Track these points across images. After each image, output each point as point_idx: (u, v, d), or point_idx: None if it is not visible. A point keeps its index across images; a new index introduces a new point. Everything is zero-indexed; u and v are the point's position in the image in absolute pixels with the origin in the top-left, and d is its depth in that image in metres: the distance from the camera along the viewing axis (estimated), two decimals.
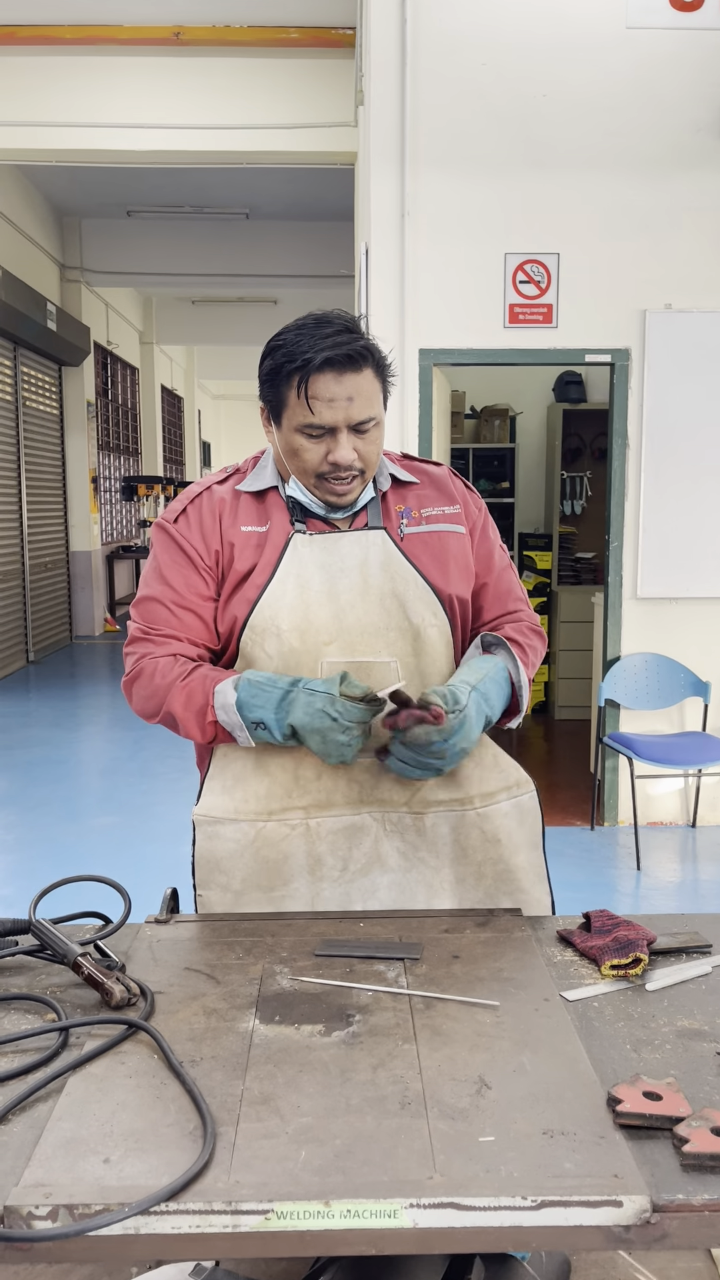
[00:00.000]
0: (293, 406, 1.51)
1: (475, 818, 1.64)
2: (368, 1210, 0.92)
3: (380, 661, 1.59)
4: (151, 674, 1.57)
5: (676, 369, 4.53)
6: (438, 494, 1.69)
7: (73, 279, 10.55)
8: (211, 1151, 0.98)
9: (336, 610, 1.58)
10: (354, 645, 1.58)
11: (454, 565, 1.64)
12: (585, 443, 7.09)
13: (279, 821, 1.60)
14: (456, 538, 1.66)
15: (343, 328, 1.50)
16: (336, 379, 1.48)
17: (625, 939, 1.41)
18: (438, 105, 4.36)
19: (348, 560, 1.59)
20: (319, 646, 1.58)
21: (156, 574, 1.62)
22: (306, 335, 1.49)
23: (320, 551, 1.59)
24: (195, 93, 6.24)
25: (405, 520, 1.64)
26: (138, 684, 1.59)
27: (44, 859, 4.49)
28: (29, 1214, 0.92)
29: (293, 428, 1.53)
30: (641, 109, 4.40)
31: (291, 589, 1.57)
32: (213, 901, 1.62)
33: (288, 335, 1.52)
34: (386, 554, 1.61)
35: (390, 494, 1.66)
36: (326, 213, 9.43)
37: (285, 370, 1.50)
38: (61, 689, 8.35)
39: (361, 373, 1.49)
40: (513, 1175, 0.96)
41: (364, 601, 1.59)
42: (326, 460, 1.53)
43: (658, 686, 4.70)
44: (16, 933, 1.43)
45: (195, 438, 18.22)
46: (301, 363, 1.47)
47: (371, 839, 1.61)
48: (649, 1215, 0.93)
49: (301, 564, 1.58)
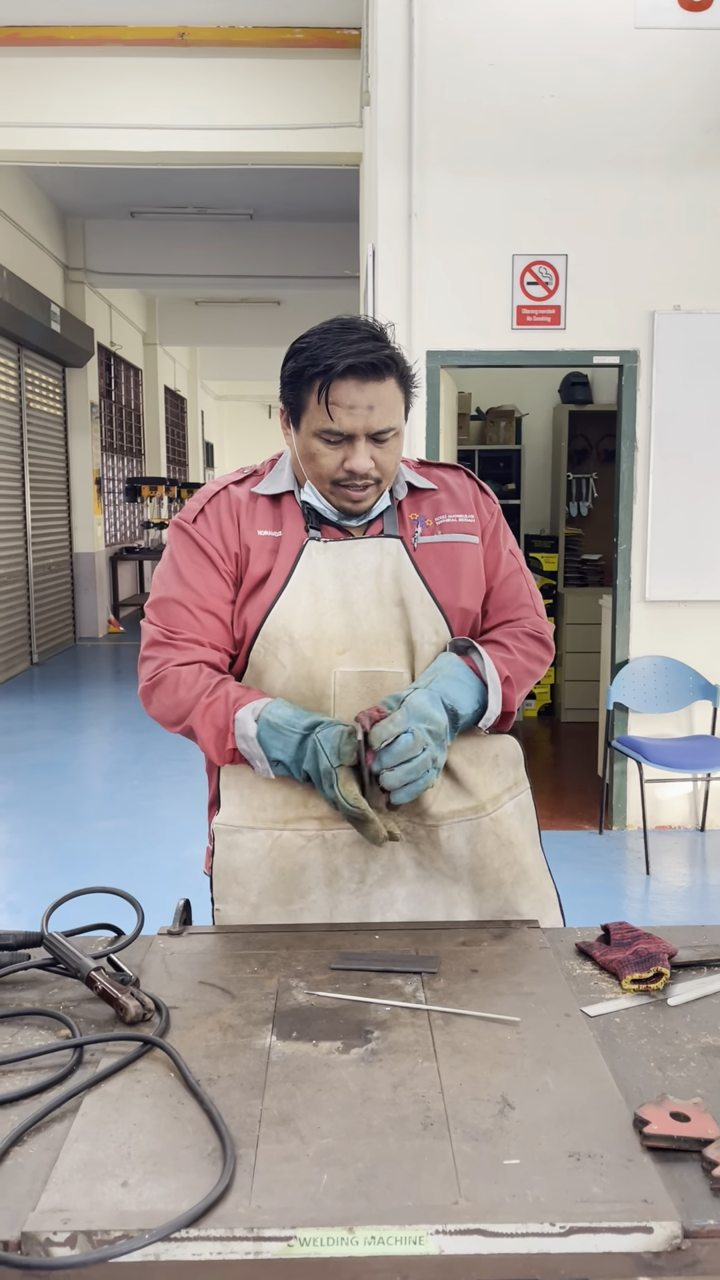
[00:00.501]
0: (312, 411, 1.49)
1: (490, 824, 1.62)
2: (393, 1237, 0.90)
3: (393, 672, 1.56)
4: (175, 685, 1.53)
5: (686, 371, 4.51)
6: (453, 501, 1.66)
7: (76, 280, 10.54)
8: (232, 1175, 0.96)
9: (350, 619, 1.56)
10: (368, 654, 1.56)
11: (465, 577, 1.61)
12: (591, 444, 7.07)
13: (295, 831, 1.58)
14: (470, 549, 1.63)
15: (369, 335, 1.48)
16: (358, 387, 1.46)
17: (646, 952, 1.39)
18: (445, 105, 4.35)
19: (362, 568, 1.57)
20: (332, 656, 1.55)
21: (175, 575, 1.59)
22: (331, 340, 1.47)
23: (335, 559, 1.57)
24: (199, 93, 6.22)
25: (420, 529, 1.61)
26: (159, 691, 1.55)
27: (49, 864, 4.47)
28: (47, 1240, 0.90)
29: (311, 432, 1.51)
30: (650, 109, 4.38)
31: (305, 597, 1.55)
32: (230, 915, 1.60)
33: (312, 339, 1.49)
34: (399, 564, 1.58)
35: (406, 500, 1.63)
36: (330, 214, 9.41)
37: (307, 374, 1.48)
38: (65, 691, 8.34)
39: (384, 382, 1.47)
40: (540, 1200, 0.93)
41: (378, 610, 1.57)
42: (343, 467, 1.50)
43: (666, 690, 4.68)
44: (28, 946, 1.41)
45: (198, 439, 18.21)
46: (324, 368, 1.45)
47: (388, 851, 1.59)
48: (680, 1241, 0.91)
49: (315, 571, 1.56)
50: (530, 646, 1.65)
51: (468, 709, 1.53)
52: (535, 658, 1.65)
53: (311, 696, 1.55)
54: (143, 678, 1.58)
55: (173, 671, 1.54)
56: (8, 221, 8.64)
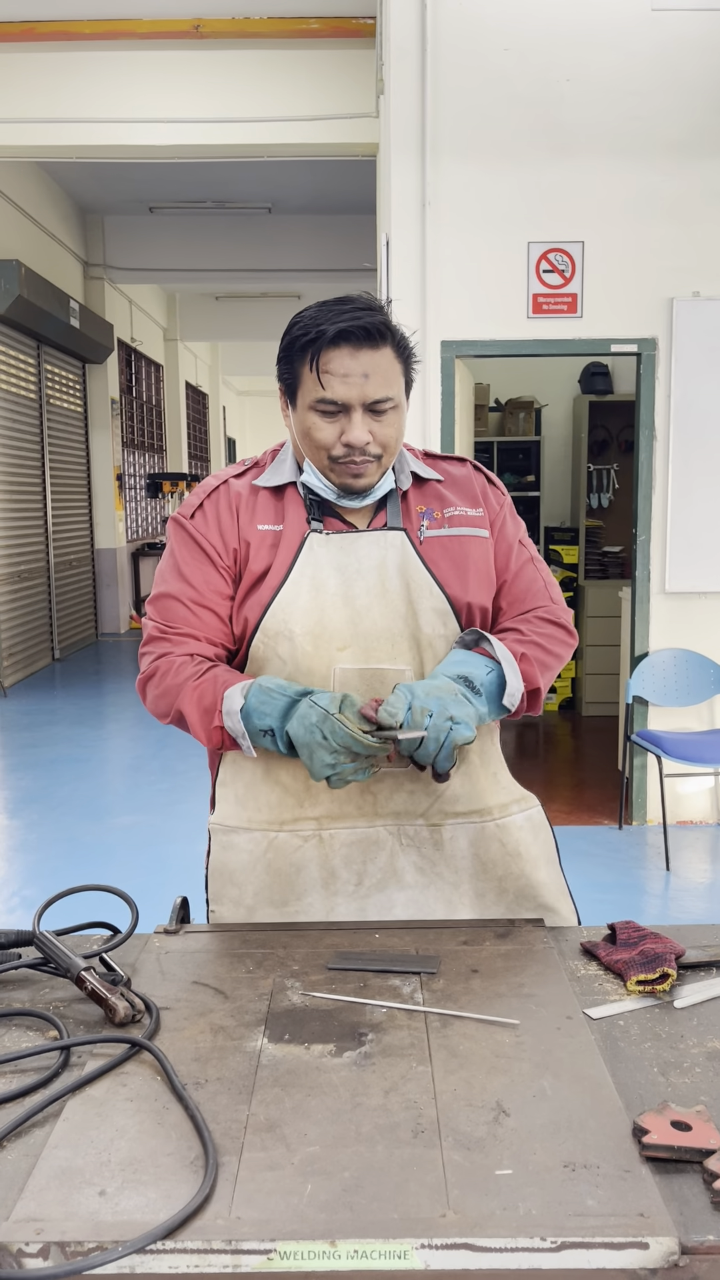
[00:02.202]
0: (306, 382, 1.45)
1: (495, 829, 1.58)
2: (376, 1251, 0.87)
3: (395, 669, 1.52)
4: (165, 673, 1.50)
5: (705, 358, 4.43)
6: (460, 494, 1.61)
7: (96, 276, 10.55)
8: (212, 1185, 0.93)
9: (352, 614, 1.52)
10: (369, 651, 1.52)
11: (474, 572, 1.56)
12: (612, 435, 7.00)
13: (291, 832, 1.55)
14: (479, 543, 1.58)
15: (364, 305, 1.45)
16: (352, 354, 1.42)
17: (652, 952, 1.35)
18: (459, 92, 4.29)
19: (365, 561, 1.53)
20: (332, 652, 1.51)
21: (174, 570, 1.56)
22: (325, 311, 1.44)
23: (337, 552, 1.53)
24: (215, 86, 6.19)
25: (426, 522, 1.56)
26: (152, 683, 1.53)
27: (65, 858, 4.47)
28: (19, 1251, 0.87)
29: (306, 405, 1.46)
30: (667, 92, 4.30)
31: (306, 591, 1.51)
32: (225, 917, 1.57)
33: (306, 313, 1.47)
34: (404, 558, 1.53)
35: (412, 493, 1.58)
36: (349, 206, 9.36)
37: (299, 343, 1.44)
38: (86, 687, 8.36)
39: (379, 350, 1.43)
40: (531, 1213, 0.90)
41: (381, 605, 1.52)
42: (340, 441, 1.46)
43: (686, 683, 4.61)
44: (20, 944, 1.39)
45: (220, 434, 18.22)
46: (315, 334, 1.42)
47: (387, 853, 1.56)
48: (677, 1258, 0.87)
49: (317, 565, 1.52)
50: (546, 629, 1.59)
51: (481, 676, 1.44)
52: (555, 639, 1.58)
53: None
54: (140, 673, 1.56)
55: (165, 662, 1.51)
56: (27, 218, 8.65)
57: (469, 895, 1.58)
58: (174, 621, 1.54)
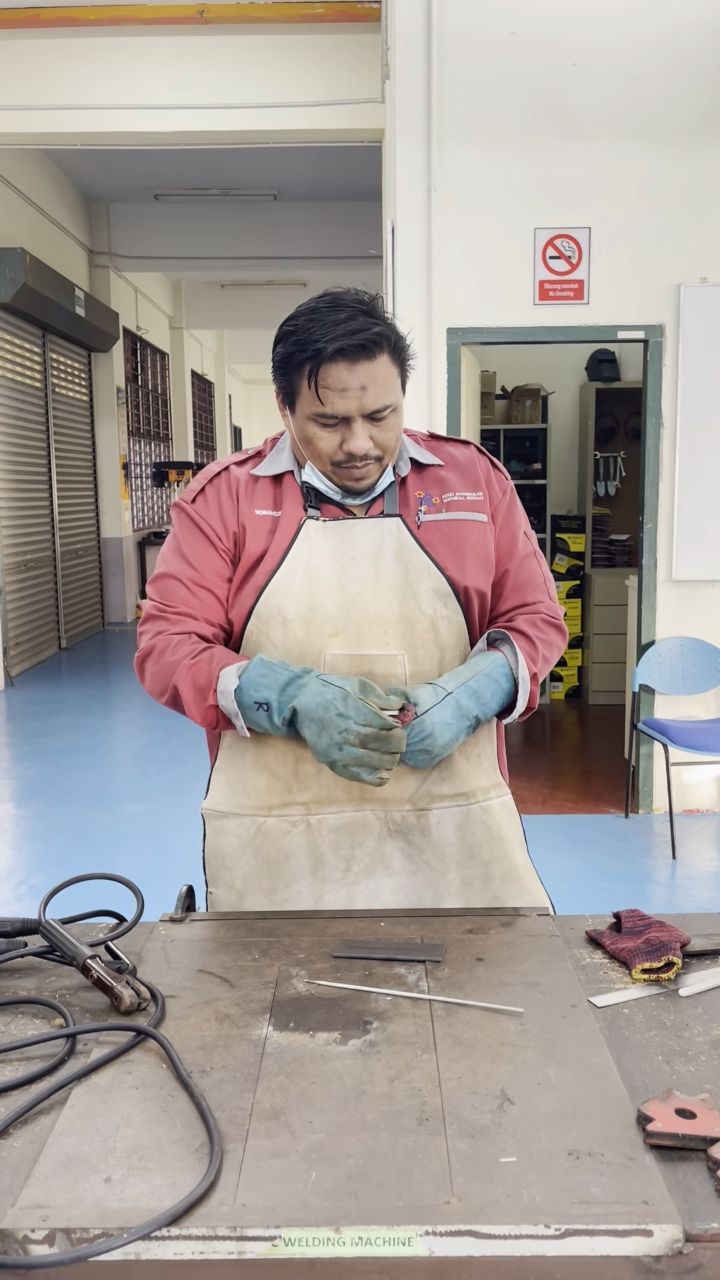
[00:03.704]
0: (304, 395, 1.45)
1: (480, 812, 1.59)
2: (380, 1238, 0.87)
3: (386, 654, 1.52)
4: (163, 650, 1.51)
5: (713, 345, 4.41)
6: (461, 478, 1.60)
7: (101, 264, 10.53)
8: (217, 1172, 0.93)
9: (345, 600, 1.52)
10: (360, 637, 1.52)
11: (472, 556, 1.56)
12: (619, 423, 6.97)
13: (279, 817, 1.56)
14: (477, 527, 1.58)
15: (358, 310, 1.42)
16: (349, 368, 1.40)
17: (657, 941, 1.35)
18: (465, 76, 4.26)
19: (360, 549, 1.53)
20: (324, 638, 1.52)
21: (175, 552, 1.57)
22: (319, 322, 1.41)
23: (333, 539, 1.53)
24: (220, 72, 6.15)
25: (424, 507, 1.56)
26: (149, 660, 1.53)
27: (73, 847, 4.48)
28: (25, 1238, 0.87)
29: (306, 416, 1.47)
30: (675, 76, 4.27)
31: (300, 577, 1.52)
32: (221, 899, 1.59)
33: (299, 320, 1.44)
34: (401, 543, 1.54)
35: (411, 478, 1.58)
36: (355, 192, 9.32)
37: (296, 359, 1.43)
38: (93, 676, 8.37)
39: (376, 360, 1.42)
40: (535, 1200, 0.90)
41: (374, 591, 1.52)
42: (341, 449, 1.46)
43: (693, 671, 4.60)
44: (26, 933, 1.39)
45: (226, 423, 18.19)
46: (312, 352, 1.40)
47: (375, 838, 1.56)
48: (681, 1245, 0.87)
49: (312, 551, 1.52)
50: (550, 635, 1.62)
51: (492, 711, 1.51)
52: (554, 646, 1.62)
53: None
54: (138, 651, 1.57)
55: (163, 640, 1.52)
56: (32, 206, 8.63)
57: (455, 883, 1.59)
58: (173, 601, 1.55)
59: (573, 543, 6.96)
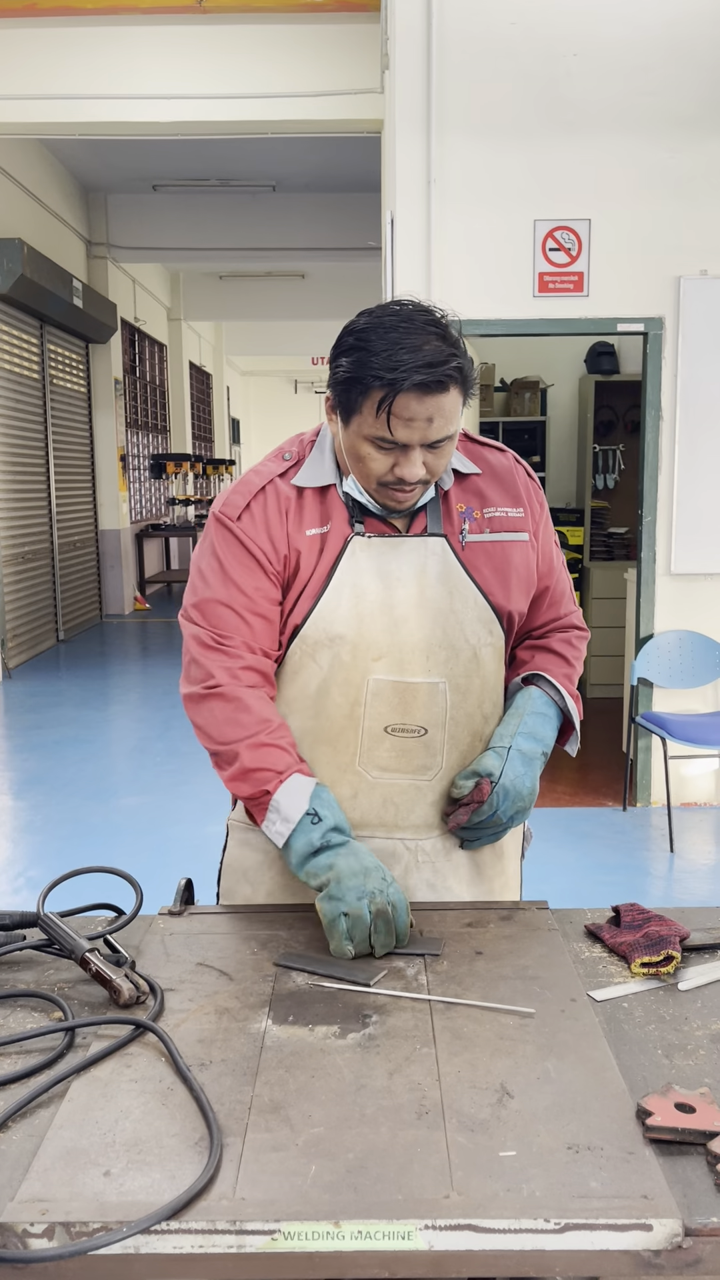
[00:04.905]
0: (365, 416, 1.38)
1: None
2: (380, 1231, 0.87)
3: (428, 682, 1.50)
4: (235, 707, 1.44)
5: (713, 338, 4.39)
6: (501, 491, 1.56)
7: (99, 255, 10.48)
8: (217, 1166, 0.93)
9: (390, 624, 1.49)
10: (403, 663, 1.50)
11: (516, 578, 1.55)
12: (618, 415, 6.95)
13: None
14: (520, 548, 1.55)
15: (434, 334, 1.35)
16: (419, 400, 1.34)
17: (656, 935, 1.35)
18: (465, 66, 4.24)
19: (405, 569, 1.50)
20: (368, 662, 1.49)
21: (220, 574, 1.48)
22: (397, 346, 1.33)
23: (377, 556, 1.49)
24: (219, 62, 6.12)
25: (467, 524, 1.53)
26: (208, 706, 1.45)
27: (70, 839, 4.48)
28: (24, 1232, 0.87)
29: (361, 435, 1.41)
30: (676, 68, 4.25)
31: (347, 600, 1.48)
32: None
33: (372, 339, 1.36)
34: (445, 565, 1.50)
35: (453, 489, 1.54)
36: (353, 183, 9.28)
37: (367, 381, 1.35)
38: (91, 668, 8.36)
39: (447, 393, 1.35)
40: (535, 1195, 0.90)
41: (418, 616, 1.49)
42: (393, 472, 1.41)
43: (691, 664, 4.60)
44: (24, 926, 1.39)
45: (224, 414, 18.15)
46: (388, 380, 1.33)
47: (401, 868, 1.56)
48: (680, 1239, 0.87)
49: (358, 572, 1.49)
50: (580, 648, 1.65)
51: (552, 742, 1.57)
52: (581, 655, 1.67)
53: (344, 703, 1.50)
54: (191, 682, 1.48)
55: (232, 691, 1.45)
56: (29, 196, 8.59)
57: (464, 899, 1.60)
58: (227, 630, 1.48)
59: (571, 536, 6.94)
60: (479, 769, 1.49)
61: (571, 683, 1.61)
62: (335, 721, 1.50)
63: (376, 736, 1.50)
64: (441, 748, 1.52)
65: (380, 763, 1.52)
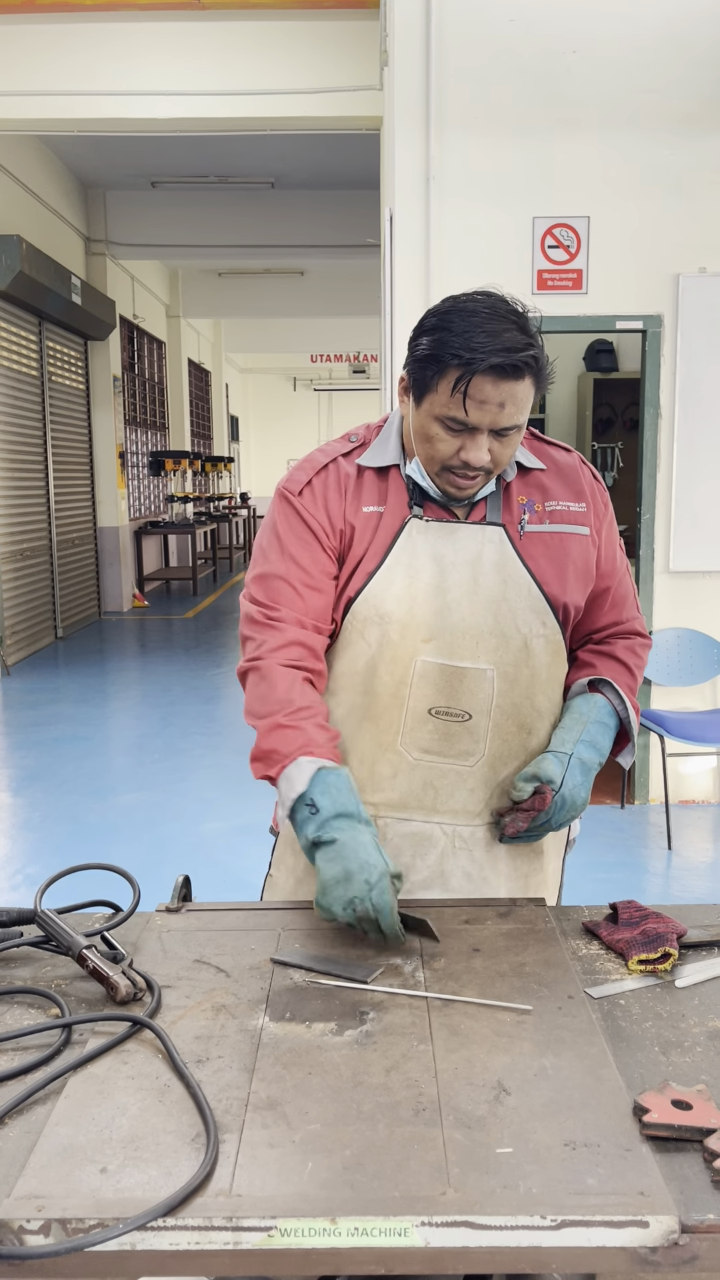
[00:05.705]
0: (440, 395, 1.41)
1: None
2: (376, 1228, 0.87)
3: (476, 668, 1.51)
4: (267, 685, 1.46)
5: (712, 335, 4.39)
6: (563, 486, 1.58)
7: (98, 252, 10.47)
8: (213, 1162, 0.93)
9: (441, 607, 1.50)
10: (452, 647, 1.51)
11: (573, 571, 1.55)
12: (617, 413, 6.96)
13: None
14: (579, 540, 1.56)
15: (515, 326, 1.39)
16: (495, 384, 1.37)
17: (654, 932, 1.35)
18: (463, 63, 4.23)
19: (461, 555, 1.51)
20: (417, 643, 1.50)
21: (279, 549, 1.53)
22: (478, 329, 1.37)
23: (434, 540, 1.51)
24: (217, 58, 6.11)
25: (527, 515, 1.54)
26: (250, 681, 1.49)
27: (68, 837, 4.48)
28: (20, 1228, 0.87)
29: (433, 415, 1.43)
30: (675, 65, 4.25)
31: (400, 578, 1.50)
32: (279, 882, 1.62)
33: (454, 320, 1.39)
34: (502, 554, 1.52)
35: (515, 481, 1.56)
36: (352, 180, 9.27)
37: (446, 360, 1.38)
38: (89, 665, 8.36)
39: (521, 380, 1.39)
40: (531, 1191, 0.90)
41: (470, 601, 1.51)
42: (458, 455, 1.44)
43: (690, 662, 4.60)
44: (22, 922, 1.39)
45: (223, 412, 18.14)
46: (466, 360, 1.36)
47: (438, 853, 1.56)
48: (677, 1236, 0.87)
49: (414, 553, 1.50)
50: (643, 657, 1.66)
51: (608, 753, 1.58)
52: (644, 664, 1.67)
53: (390, 682, 1.52)
54: (243, 658, 1.53)
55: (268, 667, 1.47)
56: (28, 193, 8.58)
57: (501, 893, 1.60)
58: (279, 602, 1.51)
59: None
60: (540, 774, 1.49)
61: (633, 694, 1.61)
62: (380, 699, 1.52)
63: (420, 718, 1.52)
64: (485, 734, 1.53)
65: (422, 744, 1.53)
